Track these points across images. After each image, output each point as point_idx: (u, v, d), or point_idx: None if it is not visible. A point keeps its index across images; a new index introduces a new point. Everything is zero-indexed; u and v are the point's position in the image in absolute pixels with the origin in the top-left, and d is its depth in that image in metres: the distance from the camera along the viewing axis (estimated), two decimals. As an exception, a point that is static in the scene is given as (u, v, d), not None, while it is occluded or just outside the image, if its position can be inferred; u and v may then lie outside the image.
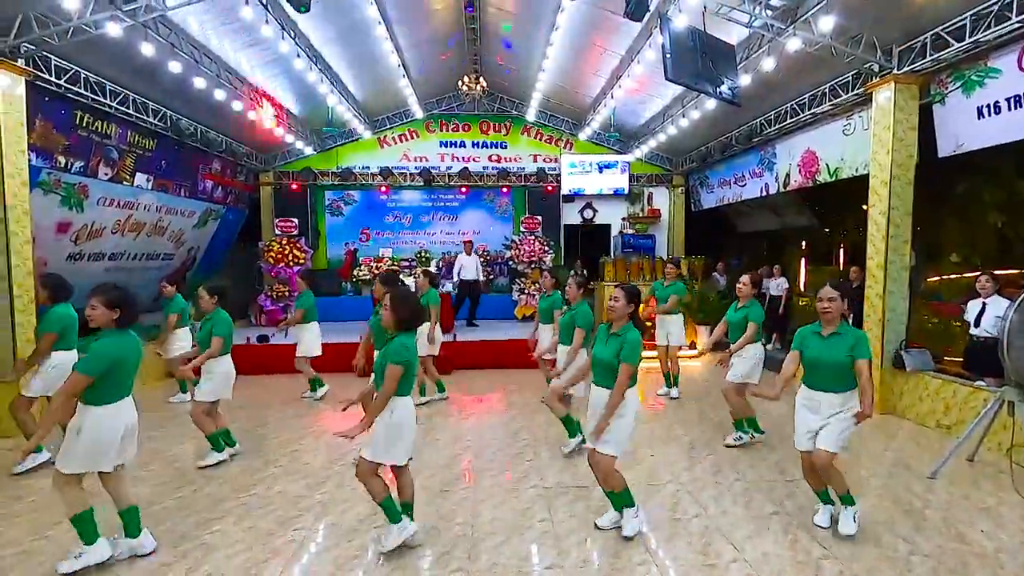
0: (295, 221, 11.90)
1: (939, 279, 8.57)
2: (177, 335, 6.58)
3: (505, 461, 4.86)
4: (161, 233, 9.49)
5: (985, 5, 5.05)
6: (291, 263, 11.40)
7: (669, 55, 5.56)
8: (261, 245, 11.73)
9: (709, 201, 12.33)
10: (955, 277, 8.29)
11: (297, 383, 7.08)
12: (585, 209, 13.11)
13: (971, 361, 5.58)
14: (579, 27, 8.08)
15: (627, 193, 12.82)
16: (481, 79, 10.57)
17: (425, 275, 6.47)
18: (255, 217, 12.37)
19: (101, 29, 5.66)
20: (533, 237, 12.15)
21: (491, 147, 12.96)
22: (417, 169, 12.63)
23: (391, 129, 12.68)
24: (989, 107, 5.47)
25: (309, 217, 12.42)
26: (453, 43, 10.31)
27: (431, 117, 12.69)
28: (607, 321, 3.54)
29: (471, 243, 11.09)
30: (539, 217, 12.50)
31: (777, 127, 8.81)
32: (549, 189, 12.80)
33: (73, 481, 3.07)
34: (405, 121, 12.59)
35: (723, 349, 5.33)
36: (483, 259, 11.83)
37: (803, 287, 11.83)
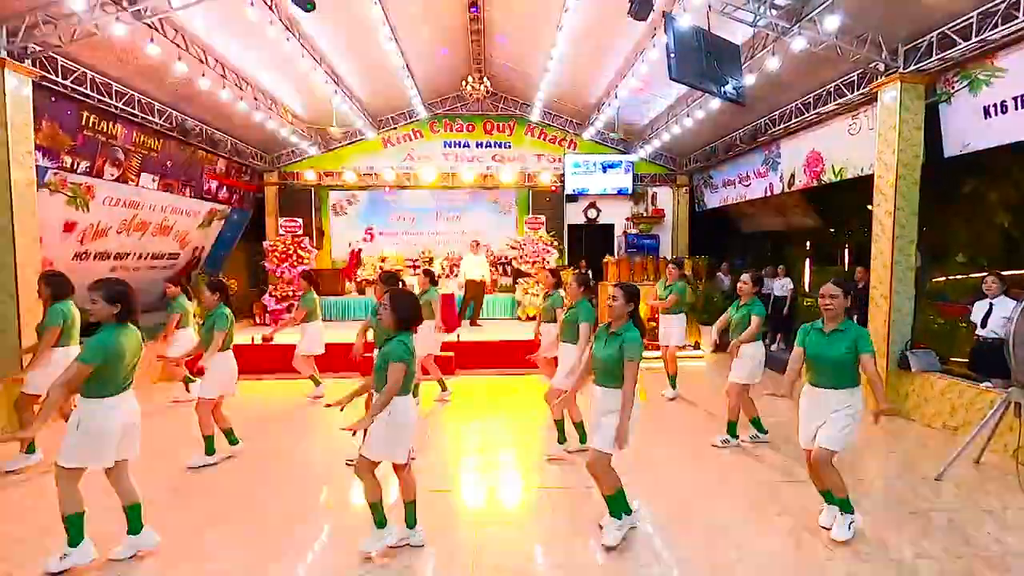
0: (299, 221, 11.93)
1: (945, 279, 8.52)
2: (178, 336, 6.56)
3: (509, 461, 4.86)
4: (166, 233, 9.53)
5: (992, 4, 5.02)
6: (295, 263, 11.43)
7: (673, 55, 5.55)
8: (265, 245, 11.76)
9: (713, 201, 12.31)
10: (961, 277, 8.25)
11: (301, 383, 7.09)
12: (589, 209, 13.10)
13: (977, 362, 5.54)
14: (583, 27, 8.06)
15: (631, 193, 12.80)
16: (485, 79, 10.57)
17: (426, 274, 6.50)
18: (259, 217, 12.42)
19: (107, 30, 5.70)
20: (537, 237, 12.14)
21: (495, 147, 12.97)
22: (421, 169, 12.64)
23: (395, 129, 12.70)
24: (996, 106, 5.44)
25: (313, 217, 12.47)
26: (446, 51, 10.33)
27: (435, 117, 12.70)
28: (607, 320, 3.53)
29: (478, 243, 11.07)
30: (543, 217, 12.49)
31: (782, 127, 8.78)
32: (553, 189, 12.80)
33: (74, 478, 3.08)
34: (409, 121, 12.61)
35: (725, 350, 5.36)
36: (488, 259, 11.82)
37: (808, 288, 11.78)
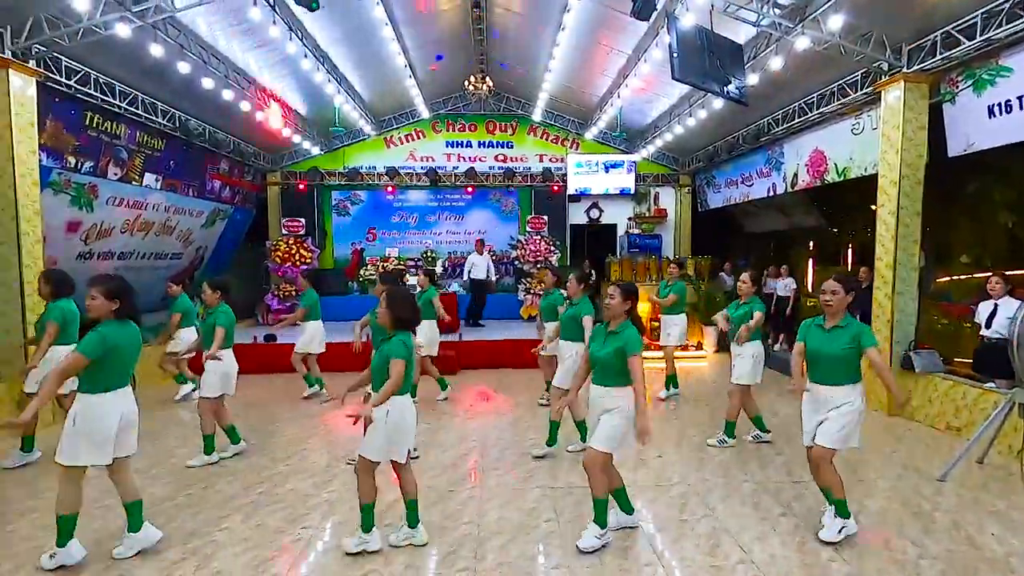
0: (302, 221, 11.95)
1: (949, 280, 8.49)
2: (180, 335, 6.57)
3: (511, 461, 4.86)
4: (169, 233, 9.56)
5: (996, 3, 5.00)
6: (298, 263, 11.45)
7: (676, 54, 5.55)
8: (268, 245, 11.79)
9: (716, 201, 12.28)
10: (965, 278, 8.21)
11: (313, 379, 7.09)
12: (591, 209, 13.10)
13: (981, 363, 5.53)
14: (586, 27, 8.07)
15: (633, 193, 12.80)
16: (487, 79, 10.58)
17: (425, 274, 6.53)
18: (262, 217, 12.45)
19: (111, 30, 5.71)
20: (539, 237, 12.13)
21: (497, 147, 12.98)
22: (423, 169, 12.65)
23: (397, 129, 12.72)
24: (1000, 106, 5.42)
25: (316, 217, 12.49)
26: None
27: (437, 117, 12.72)
28: (605, 319, 3.52)
29: (483, 242, 11.06)
30: (545, 217, 12.49)
31: (785, 126, 8.76)
32: (555, 189, 12.80)
33: (76, 478, 3.07)
34: (411, 121, 12.63)
35: (727, 349, 5.38)
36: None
37: (811, 287, 11.75)
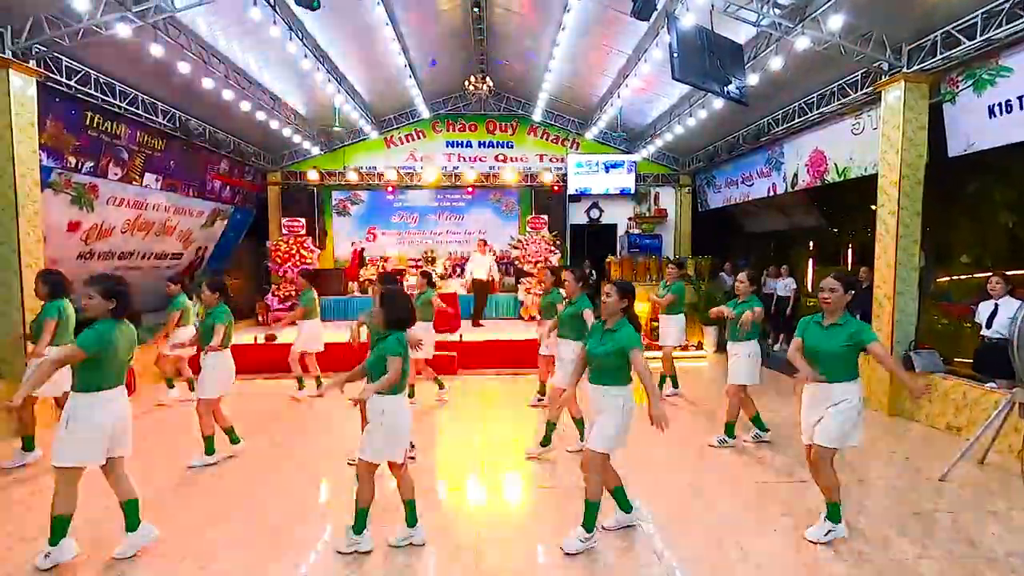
0: (302, 221, 11.94)
1: (949, 280, 8.48)
2: (178, 334, 6.58)
3: (511, 461, 4.86)
4: (170, 233, 9.57)
5: (996, 3, 5.00)
6: (298, 263, 11.45)
7: (676, 54, 5.55)
8: (268, 244, 11.79)
9: (716, 201, 12.28)
10: (965, 278, 8.20)
11: (304, 382, 7.10)
12: (591, 209, 13.09)
13: (982, 363, 5.52)
14: (586, 26, 8.06)
15: (633, 193, 12.79)
16: (487, 79, 10.57)
17: (423, 276, 6.53)
18: (262, 217, 12.45)
19: (111, 30, 5.71)
20: (539, 237, 12.13)
21: (497, 147, 12.98)
22: (423, 169, 12.65)
23: (398, 129, 12.72)
24: (1000, 105, 5.42)
25: (316, 217, 12.49)
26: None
27: (437, 117, 12.72)
28: (602, 318, 3.51)
29: (485, 242, 11.05)
30: (545, 217, 12.49)
31: (785, 126, 8.75)
32: (555, 189, 12.80)
33: (72, 479, 3.07)
34: (412, 121, 12.63)
35: (726, 349, 5.43)
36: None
37: (811, 287, 11.75)
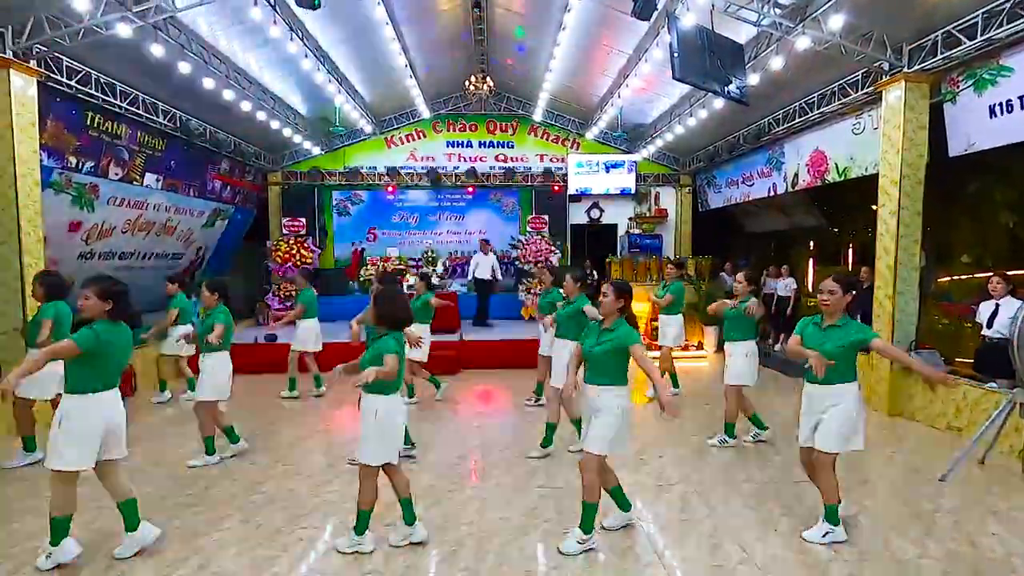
0: (303, 221, 11.93)
1: (950, 280, 8.48)
2: (173, 333, 6.60)
3: (511, 461, 4.85)
4: (170, 233, 9.57)
5: (997, 3, 5.00)
6: (298, 263, 11.44)
7: (677, 54, 5.55)
8: (269, 244, 11.78)
9: (716, 201, 12.28)
10: (966, 278, 8.20)
11: (305, 382, 7.09)
12: (592, 209, 13.09)
13: (983, 363, 5.52)
14: (586, 26, 8.06)
15: (634, 193, 12.78)
16: (488, 79, 10.57)
17: (421, 279, 6.53)
18: (263, 217, 12.45)
19: (112, 30, 5.71)
20: (539, 237, 12.11)
21: (498, 147, 12.97)
22: (424, 169, 12.66)
23: (398, 129, 12.72)
24: (1001, 105, 5.41)
25: (316, 217, 12.48)
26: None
27: (438, 117, 12.71)
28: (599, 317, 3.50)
29: (488, 242, 11.00)
30: (546, 217, 12.48)
31: (785, 126, 8.75)
32: (556, 189, 12.79)
33: (67, 481, 3.05)
34: (412, 121, 12.62)
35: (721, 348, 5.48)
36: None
37: (811, 287, 11.75)
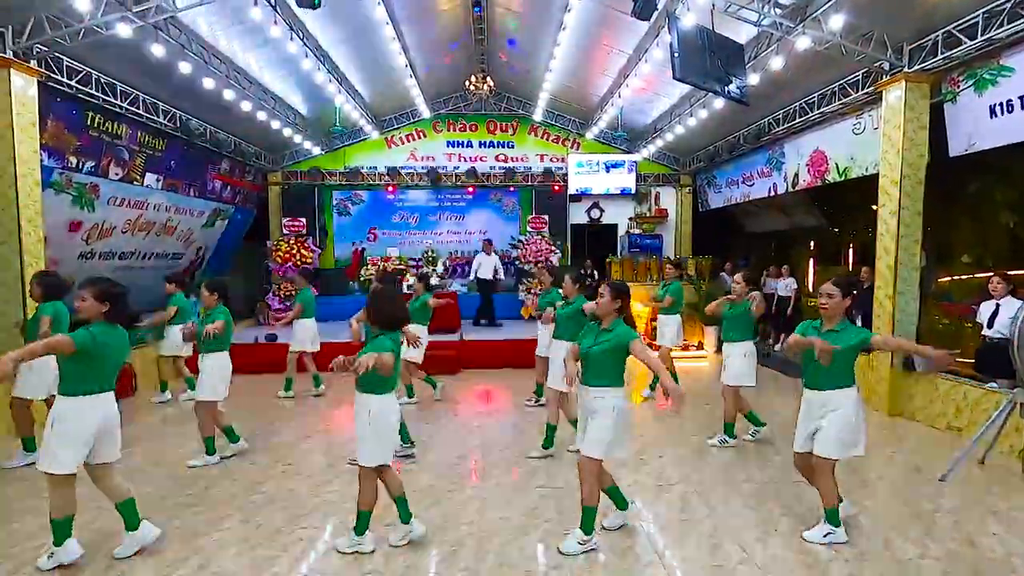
0: (303, 220, 11.94)
1: (950, 280, 8.48)
2: (171, 332, 6.64)
3: (512, 460, 4.86)
4: (170, 233, 9.57)
5: (997, 3, 5.00)
6: (299, 263, 11.44)
7: (677, 54, 5.55)
8: (269, 244, 11.79)
9: (717, 201, 12.27)
10: (966, 278, 8.20)
11: (303, 382, 7.10)
12: (592, 209, 13.09)
13: (983, 363, 5.52)
14: (587, 26, 8.06)
15: (634, 193, 12.78)
16: (488, 79, 10.57)
17: (420, 280, 6.53)
18: (263, 217, 12.45)
19: (112, 30, 5.71)
20: (540, 237, 12.11)
21: (498, 147, 12.97)
22: (424, 169, 12.66)
23: (398, 129, 12.71)
24: (1002, 105, 5.40)
25: (317, 217, 12.47)
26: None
27: (438, 117, 12.71)
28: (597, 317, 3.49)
29: (491, 242, 10.99)
30: (546, 217, 12.48)
31: (786, 126, 8.75)
32: (556, 189, 12.79)
33: (63, 483, 3.04)
34: (412, 121, 12.62)
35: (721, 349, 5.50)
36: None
37: (811, 288, 11.75)
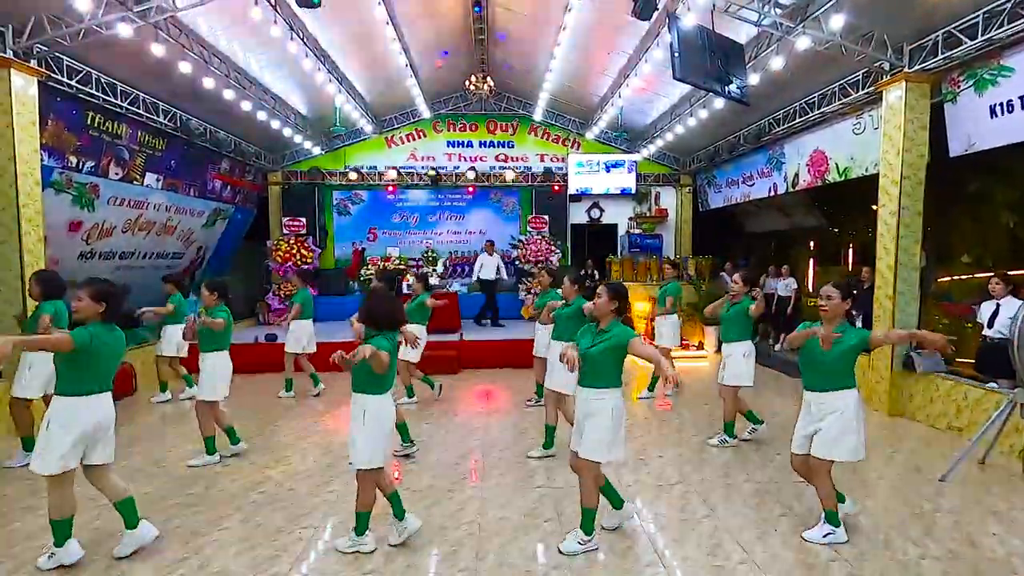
0: (303, 220, 11.94)
1: (950, 280, 8.48)
2: (168, 332, 6.68)
3: (512, 460, 4.86)
4: (170, 232, 9.57)
5: (998, 3, 5.00)
6: (299, 262, 11.45)
7: (677, 54, 5.55)
8: (269, 244, 11.79)
9: (717, 201, 12.27)
10: (966, 278, 8.20)
11: (304, 381, 7.10)
12: (592, 209, 13.09)
13: (983, 363, 5.52)
14: (587, 26, 8.06)
15: (634, 193, 12.77)
16: (488, 79, 10.57)
17: (418, 279, 6.55)
18: (263, 216, 12.45)
19: (112, 30, 5.71)
20: (540, 237, 12.12)
21: (498, 147, 12.97)
22: (424, 169, 12.66)
23: (398, 129, 12.71)
24: (1002, 105, 5.41)
25: (317, 216, 12.47)
26: (446, 54, 10.33)
27: (438, 117, 12.70)
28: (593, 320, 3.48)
29: (492, 243, 10.98)
30: (546, 217, 12.48)
31: (786, 126, 8.75)
32: (556, 189, 12.80)
33: (61, 483, 3.04)
34: (412, 121, 12.62)
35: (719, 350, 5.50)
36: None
37: (812, 287, 11.75)
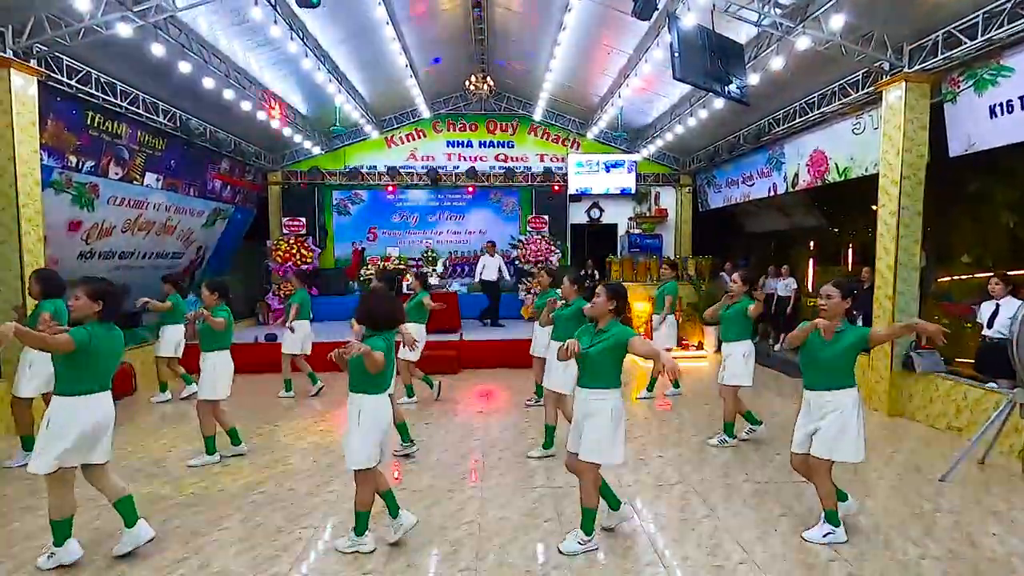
0: (303, 220, 11.94)
1: (950, 280, 8.48)
2: (165, 333, 6.70)
3: (512, 460, 4.86)
4: (170, 232, 9.57)
5: (998, 3, 5.00)
6: (299, 262, 11.45)
7: (677, 54, 5.55)
8: (269, 244, 11.79)
9: (716, 201, 12.27)
10: (966, 278, 8.20)
11: (303, 381, 7.10)
12: (592, 209, 13.09)
13: (983, 363, 5.52)
14: (587, 26, 8.06)
15: (634, 193, 12.77)
16: (488, 79, 10.57)
17: (417, 278, 6.56)
18: (263, 216, 12.45)
19: (112, 30, 5.71)
20: (540, 237, 12.12)
21: (498, 146, 12.97)
22: (424, 169, 12.66)
23: (398, 129, 12.71)
24: (1002, 105, 5.41)
25: (316, 216, 12.47)
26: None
27: (438, 117, 12.71)
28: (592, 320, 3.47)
29: (493, 244, 10.97)
30: (546, 217, 12.47)
31: (786, 126, 8.75)
32: (556, 189, 12.80)
33: (60, 483, 3.04)
34: (412, 121, 12.62)
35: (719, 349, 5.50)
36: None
37: (811, 287, 11.75)
